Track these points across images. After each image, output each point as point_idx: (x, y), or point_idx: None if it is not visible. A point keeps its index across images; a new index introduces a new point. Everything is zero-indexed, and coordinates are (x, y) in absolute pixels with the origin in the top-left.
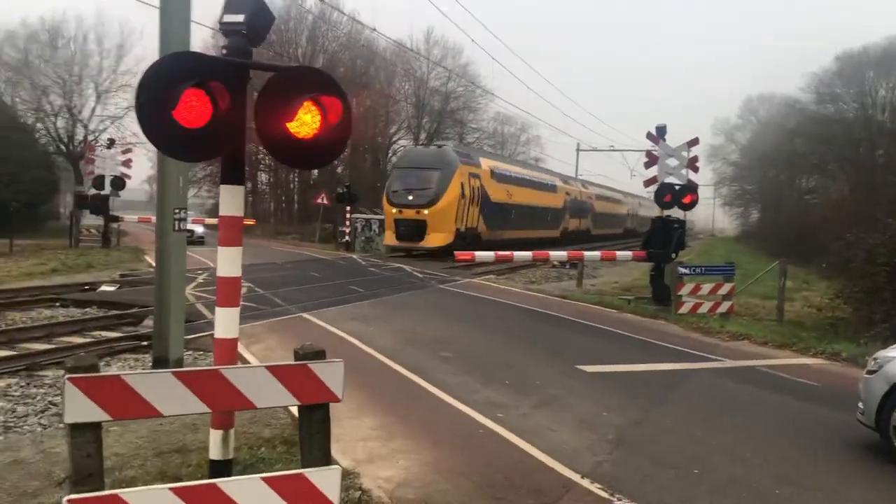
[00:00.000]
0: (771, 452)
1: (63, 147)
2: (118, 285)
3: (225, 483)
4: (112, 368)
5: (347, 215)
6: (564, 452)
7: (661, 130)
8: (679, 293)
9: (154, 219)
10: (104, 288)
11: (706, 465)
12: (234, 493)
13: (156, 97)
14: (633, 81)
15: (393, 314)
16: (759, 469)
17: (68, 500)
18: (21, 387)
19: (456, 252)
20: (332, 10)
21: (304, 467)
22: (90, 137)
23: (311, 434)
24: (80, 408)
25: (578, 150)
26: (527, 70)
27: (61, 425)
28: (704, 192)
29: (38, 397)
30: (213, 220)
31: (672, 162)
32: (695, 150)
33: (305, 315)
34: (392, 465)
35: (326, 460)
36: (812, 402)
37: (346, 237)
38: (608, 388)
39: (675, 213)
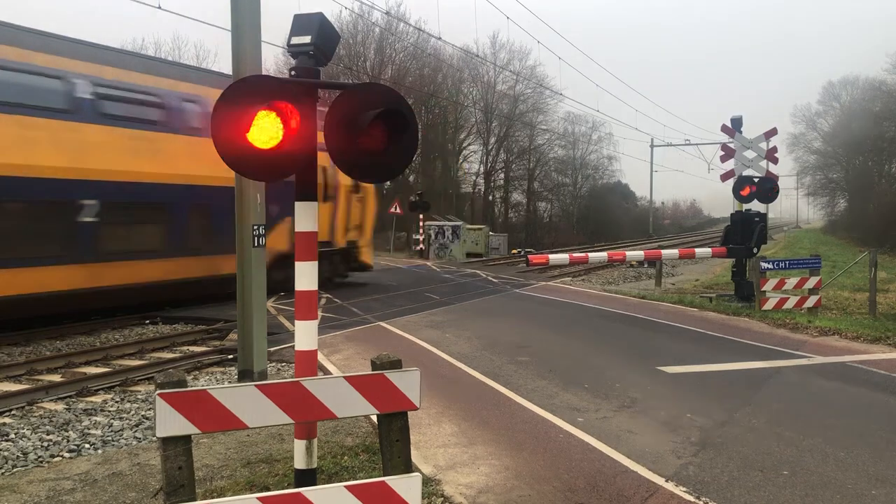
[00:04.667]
0: (866, 452)
1: None
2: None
3: (309, 492)
4: (200, 382)
5: (421, 223)
6: (647, 455)
7: (737, 122)
8: (763, 289)
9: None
10: None
11: (796, 467)
12: (318, 501)
13: (229, 120)
14: (709, 76)
15: (469, 320)
16: (853, 469)
17: None
18: (116, 402)
19: (530, 256)
20: (399, 21)
21: (385, 475)
22: None
23: (391, 442)
24: (171, 422)
25: (652, 145)
26: (595, 68)
27: (154, 439)
28: (787, 183)
29: (133, 412)
30: None
31: (749, 154)
32: (773, 141)
33: (382, 324)
34: (473, 472)
35: (407, 468)
36: None
37: (420, 245)
38: (691, 389)
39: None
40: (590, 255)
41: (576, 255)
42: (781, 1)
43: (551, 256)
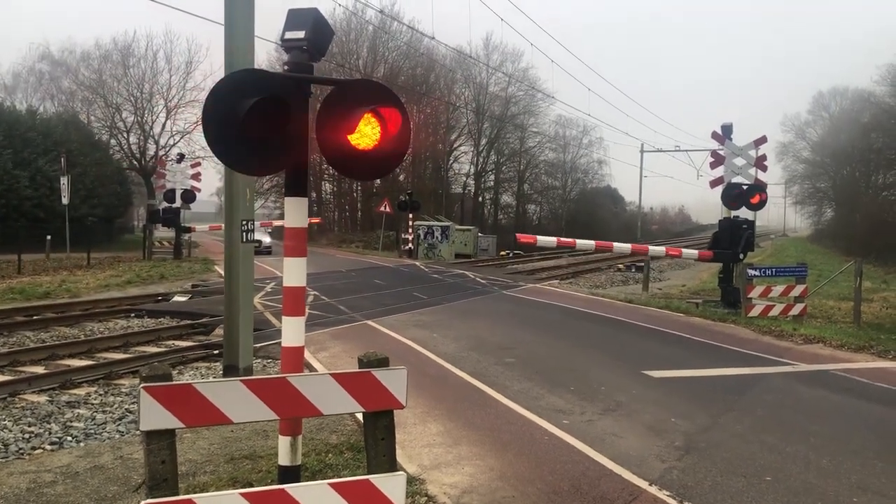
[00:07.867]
0: (848, 460)
1: (135, 162)
2: (190, 296)
3: (293, 489)
4: (185, 377)
5: (410, 223)
6: (631, 459)
7: (727, 129)
8: (749, 296)
9: (223, 226)
10: (177, 298)
11: (779, 473)
12: (302, 499)
13: (221, 114)
14: (700, 82)
15: (456, 320)
16: (835, 477)
17: None
18: (100, 395)
19: (518, 234)
20: (392, 20)
21: (369, 473)
22: (161, 152)
23: (377, 440)
24: (155, 416)
25: (642, 150)
26: (588, 72)
27: (138, 432)
28: (775, 191)
29: (116, 405)
30: (280, 222)
31: (739, 161)
32: (763, 149)
33: (370, 322)
34: (457, 472)
35: (392, 466)
36: (893, 406)
37: (409, 244)
38: (676, 394)
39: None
40: (577, 241)
41: (563, 239)
42: (779, 9)
43: (539, 238)
